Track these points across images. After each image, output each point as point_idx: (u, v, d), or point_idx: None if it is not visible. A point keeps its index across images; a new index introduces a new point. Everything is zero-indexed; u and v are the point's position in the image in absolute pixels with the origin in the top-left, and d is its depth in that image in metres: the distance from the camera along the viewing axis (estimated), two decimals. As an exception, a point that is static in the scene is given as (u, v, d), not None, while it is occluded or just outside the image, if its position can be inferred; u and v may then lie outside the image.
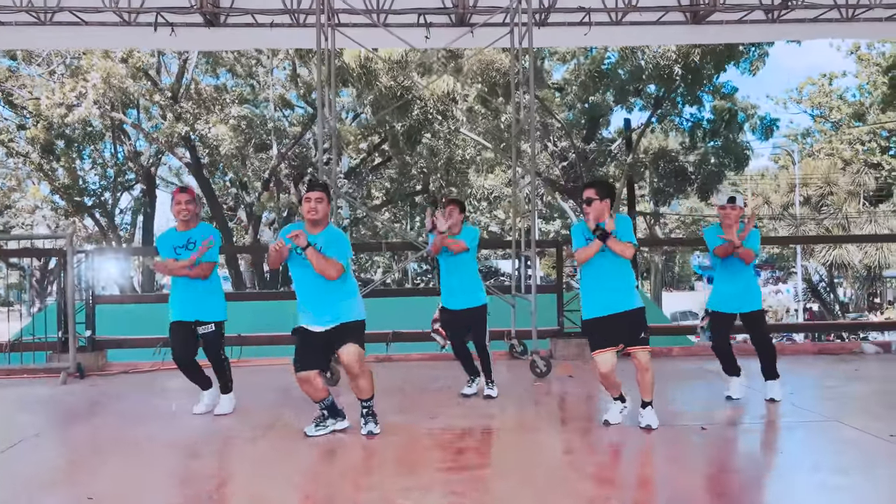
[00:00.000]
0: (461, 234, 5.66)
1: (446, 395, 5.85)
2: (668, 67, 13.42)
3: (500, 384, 5.91)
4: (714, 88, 15.62)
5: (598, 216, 4.60)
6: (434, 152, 16.64)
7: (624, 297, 4.60)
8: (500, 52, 13.29)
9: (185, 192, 5.20)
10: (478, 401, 5.63)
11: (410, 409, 5.42)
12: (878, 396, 5.71)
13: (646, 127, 16.49)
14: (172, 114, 20.59)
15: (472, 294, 5.66)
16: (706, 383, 6.28)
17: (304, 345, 4.53)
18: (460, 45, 8.84)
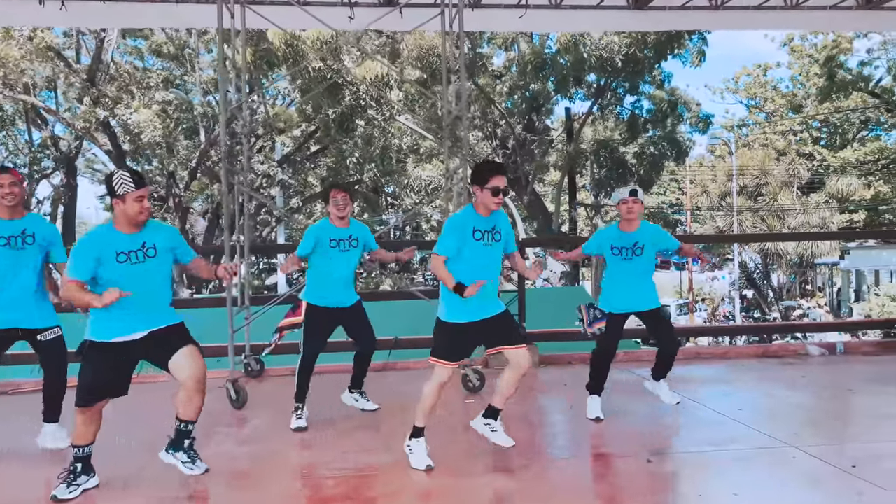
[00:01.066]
0: (353, 228, 5.04)
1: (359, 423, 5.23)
2: (610, 58, 13.06)
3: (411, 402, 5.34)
4: (654, 79, 15.38)
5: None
6: (369, 141, 15.87)
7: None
8: (440, 36, 12.57)
9: (8, 173, 4.29)
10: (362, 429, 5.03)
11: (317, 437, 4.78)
12: (830, 410, 5.37)
13: (587, 117, 16.16)
14: (90, 97, 19.23)
15: (351, 291, 5.14)
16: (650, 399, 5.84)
17: (100, 370, 3.70)
18: (387, 27, 8.16)
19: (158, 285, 3.77)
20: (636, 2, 8.32)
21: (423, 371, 6.21)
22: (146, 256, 3.70)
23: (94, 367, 3.69)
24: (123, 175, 3.63)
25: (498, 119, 17.27)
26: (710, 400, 5.49)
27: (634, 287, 4.89)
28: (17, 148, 24.74)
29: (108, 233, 3.71)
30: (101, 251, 3.63)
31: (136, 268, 3.67)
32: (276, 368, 7.02)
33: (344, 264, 5.00)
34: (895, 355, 7.43)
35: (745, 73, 38.04)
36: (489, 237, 4.05)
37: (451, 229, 4.03)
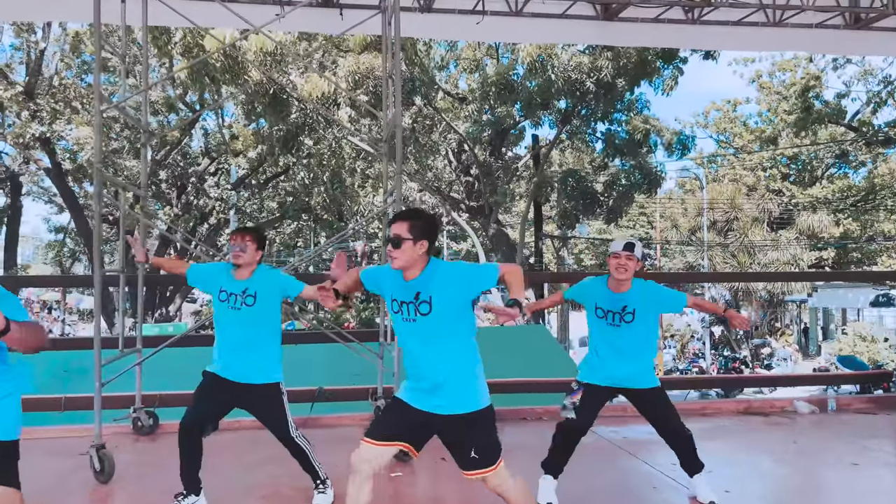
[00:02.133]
0: (257, 276, 3.81)
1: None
2: (580, 81, 12.28)
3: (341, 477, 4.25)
4: (627, 106, 14.67)
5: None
6: (320, 161, 14.76)
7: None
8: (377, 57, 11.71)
9: None
10: None
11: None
12: (835, 493, 4.41)
13: (553, 144, 15.37)
14: (28, 112, 17.95)
15: (260, 365, 3.82)
16: (624, 469, 4.83)
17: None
18: (323, 30, 7.24)
19: None
20: (605, 12, 7.54)
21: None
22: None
23: None
24: None
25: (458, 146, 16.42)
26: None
27: (621, 358, 3.89)
28: (-45, 164, 23.20)
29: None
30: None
31: None
32: (174, 423, 5.87)
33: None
34: (892, 413, 6.57)
35: (714, 108, 38.03)
36: (407, 310, 2.95)
37: None
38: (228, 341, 3.80)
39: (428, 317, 2.88)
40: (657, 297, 3.91)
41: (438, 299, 2.88)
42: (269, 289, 3.78)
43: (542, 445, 4.10)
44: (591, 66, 12.20)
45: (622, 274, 3.83)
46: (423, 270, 2.92)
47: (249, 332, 3.76)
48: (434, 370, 2.92)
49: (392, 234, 2.89)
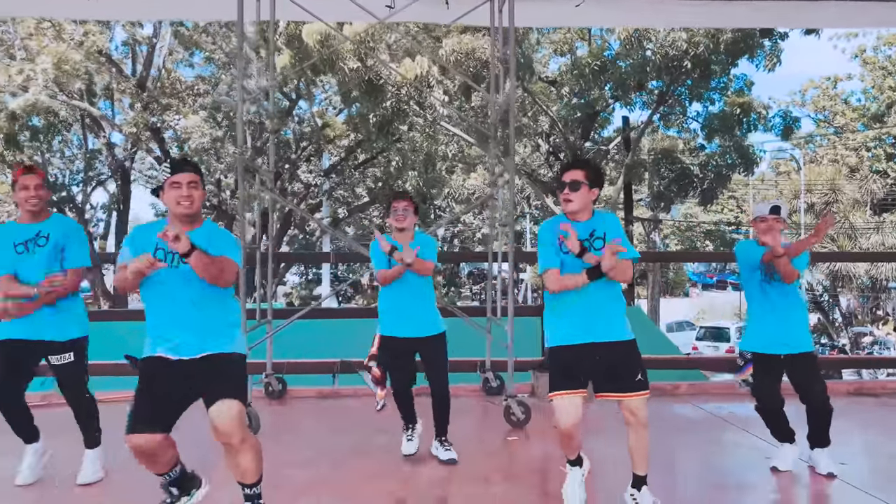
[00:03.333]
0: (417, 243, 4.20)
1: (387, 458, 4.48)
2: (677, 59, 12.09)
3: (464, 435, 4.58)
4: (725, 84, 14.32)
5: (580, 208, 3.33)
6: (413, 147, 15.18)
7: (610, 322, 3.32)
8: (481, 37, 11.92)
9: (33, 174, 3.77)
10: (425, 467, 4.27)
11: (328, 480, 4.07)
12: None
13: (647, 125, 15.19)
14: (140, 103, 19.23)
15: (427, 320, 4.30)
16: (731, 443, 4.96)
17: (149, 390, 3.03)
18: (430, 20, 7.51)
19: (202, 295, 3.03)
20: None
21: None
22: (180, 261, 2.97)
23: (143, 392, 3.06)
24: (164, 165, 3.09)
25: (549, 129, 16.47)
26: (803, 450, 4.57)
27: (783, 320, 3.99)
28: (73, 154, 25.06)
29: (158, 225, 3.05)
30: (139, 242, 3.05)
31: (174, 271, 2.99)
32: (300, 389, 6.37)
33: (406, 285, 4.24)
34: None
35: (812, 86, 36.23)
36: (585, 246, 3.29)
37: (542, 237, 3.45)
38: (395, 300, 4.28)
39: (601, 251, 3.21)
40: (800, 261, 3.97)
41: (608, 237, 3.28)
42: (427, 249, 4.24)
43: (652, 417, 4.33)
44: (689, 43, 11.99)
45: (771, 238, 3.82)
46: (592, 215, 3.37)
47: (416, 287, 4.24)
48: (602, 301, 3.30)
49: (570, 179, 3.30)
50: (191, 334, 3.03)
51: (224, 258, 3.02)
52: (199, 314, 3.04)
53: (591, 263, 3.19)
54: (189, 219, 3.04)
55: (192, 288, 3.01)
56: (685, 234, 39.12)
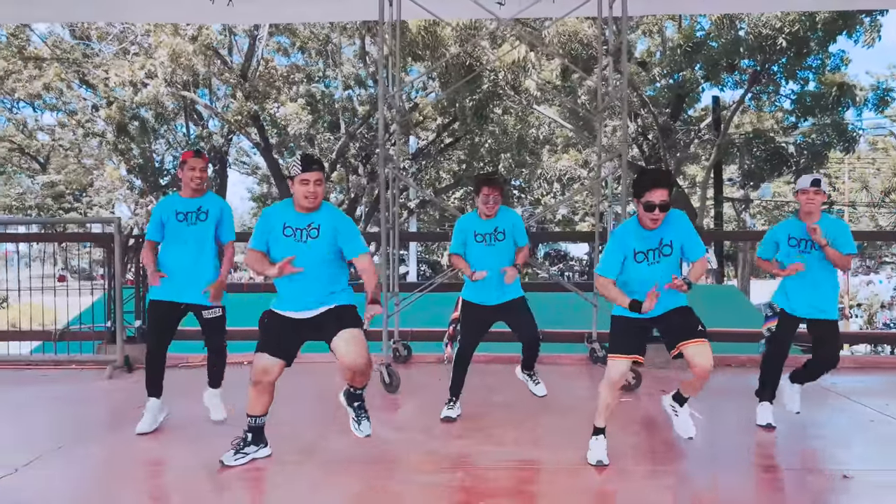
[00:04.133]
0: (500, 218, 4.71)
1: (504, 412, 5.07)
2: (771, 38, 12.00)
3: (580, 397, 5.15)
4: (821, 62, 14.05)
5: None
6: (505, 130, 15.62)
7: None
8: (583, 20, 12.22)
9: (201, 158, 4.63)
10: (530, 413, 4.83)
11: (466, 420, 4.68)
12: None
13: (739, 104, 15.07)
14: (242, 92, 20.36)
15: (508, 288, 4.75)
16: (836, 408, 5.29)
17: (276, 330, 3.83)
18: (538, 14, 7.91)
19: (322, 266, 3.77)
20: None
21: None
22: (308, 237, 3.74)
23: (266, 331, 3.83)
24: (296, 158, 3.75)
25: (639, 108, 16.55)
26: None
27: (815, 287, 4.42)
28: (177, 141, 26.68)
29: (284, 208, 3.84)
30: (272, 224, 3.80)
31: (299, 245, 3.72)
32: (423, 355, 7.04)
33: (493, 259, 4.73)
34: None
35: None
36: (653, 255, 3.73)
37: (612, 245, 3.84)
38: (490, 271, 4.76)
39: (668, 258, 3.72)
40: (836, 234, 4.36)
41: (676, 244, 3.72)
42: (509, 225, 4.76)
43: (745, 389, 4.86)
44: (783, 21, 11.86)
45: (811, 205, 4.31)
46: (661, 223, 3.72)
47: (503, 259, 4.73)
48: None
49: (660, 200, 3.60)
50: (312, 297, 3.79)
51: (370, 268, 3.78)
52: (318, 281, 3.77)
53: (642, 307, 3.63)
54: (311, 209, 3.78)
55: (315, 259, 3.73)
56: (772, 213, 37.97)
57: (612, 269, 3.75)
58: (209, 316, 4.62)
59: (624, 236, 3.77)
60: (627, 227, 3.80)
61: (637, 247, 3.73)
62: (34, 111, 27.14)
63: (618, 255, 3.74)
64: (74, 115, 23.91)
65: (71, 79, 21.65)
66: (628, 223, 3.85)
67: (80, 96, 24.13)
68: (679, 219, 3.75)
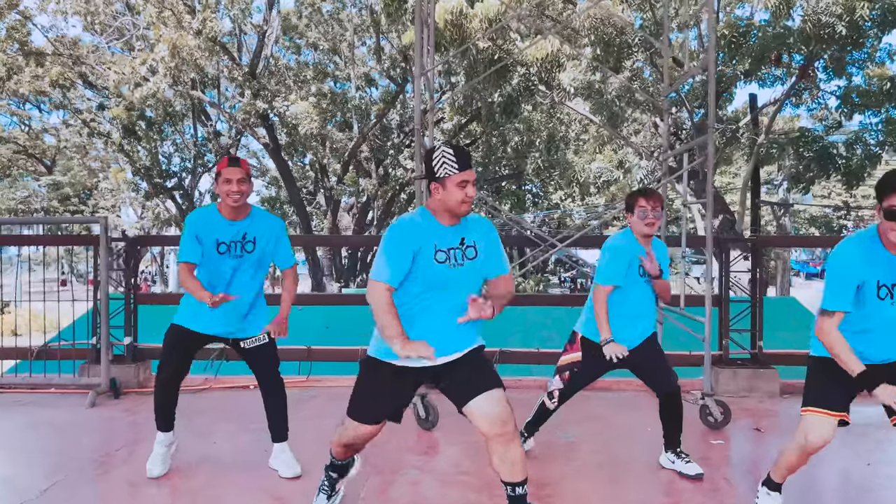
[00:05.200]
0: (655, 251, 3.74)
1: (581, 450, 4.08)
2: (829, 25, 10.93)
3: (652, 437, 4.12)
4: (868, 55, 13.03)
5: None
6: (531, 127, 14.62)
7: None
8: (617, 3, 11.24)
9: (239, 167, 3.50)
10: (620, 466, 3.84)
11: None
12: None
13: (783, 101, 14.06)
14: (251, 90, 19.54)
15: (647, 322, 3.78)
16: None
17: (381, 384, 2.83)
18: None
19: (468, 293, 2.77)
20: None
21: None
22: (465, 258, 2.74)
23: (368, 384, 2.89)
24: (446, 153, 2.68)
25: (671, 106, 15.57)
26: None
27: None
28: (185, 143, 25.93)
29: (429, 222, 2.74)
30: (419, 244, 2.69)
31: (453, 272, 2.71)
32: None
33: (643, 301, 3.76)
34: None
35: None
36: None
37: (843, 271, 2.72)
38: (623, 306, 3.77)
39: None
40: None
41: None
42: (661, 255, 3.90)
43: None
44: (844, 7, 10.78)
45: None
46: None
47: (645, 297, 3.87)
48: None
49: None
50: None
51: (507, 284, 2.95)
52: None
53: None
54: (461, 217, 2.77)
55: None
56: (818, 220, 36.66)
57: (846, 301, 2.68)
58: (251, 345, 3.62)
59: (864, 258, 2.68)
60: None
61: (882, 278, 2.68)
62: (39, 111, 26.52)
63: (852, 284, 2.68)
64: (80, 114, 23.14)
65: (73, 77, 20.86)
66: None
67: (83, 96, 23.38)
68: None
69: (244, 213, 3.57)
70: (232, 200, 3.47)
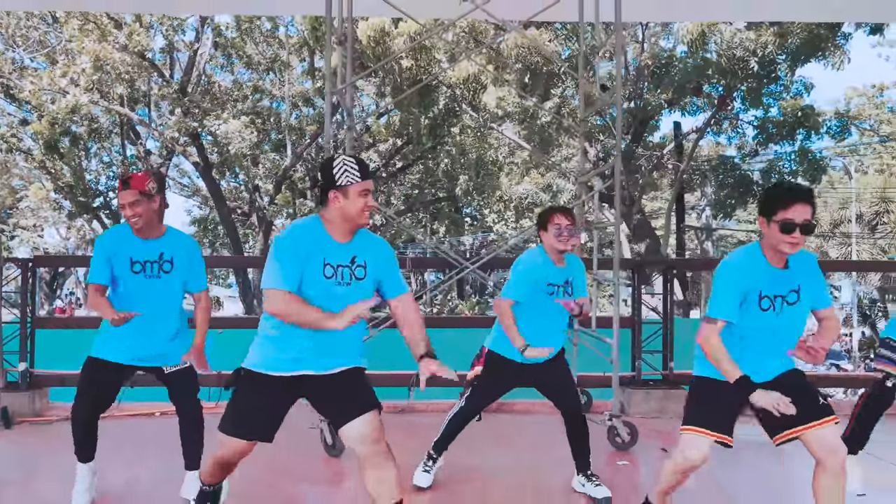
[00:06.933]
0: (571, 268, 3.77)
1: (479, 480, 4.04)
2: (743, 59, 11.51)
3: (562, 457, 4.10)
4: (784, 86, 13.73)
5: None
6: (463, 150, 14.75)
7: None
8: (542, 32, 11.50)
9: (129, 189, 3.31)
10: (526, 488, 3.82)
11: None
12: None
13: (704, 129, 14.64)
14: (181, 108, 19.08)
15: (556, 339, 3.78)
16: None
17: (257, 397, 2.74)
18: (510, 13, 7.10)
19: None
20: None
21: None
22: (353, 277, 2.68)
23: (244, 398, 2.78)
24: (347, 161, 2.62)
25: (598, 133, 16.00)
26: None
27: None
28: (112, 161, 25.09)
29: (321, 234, 2.67)
30: (309, 251, 2.63)
31: (340, 289, 2.66)
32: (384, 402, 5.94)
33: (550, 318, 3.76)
34: None
35: (857, 94, 35.23)
36: (780, 302, 2.75)
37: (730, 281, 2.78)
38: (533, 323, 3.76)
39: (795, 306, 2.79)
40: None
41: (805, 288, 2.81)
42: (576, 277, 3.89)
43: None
44: (756, 43, 11.38)
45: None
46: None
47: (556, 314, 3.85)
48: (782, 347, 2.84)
49: (803, 219, 2.62)
50: None
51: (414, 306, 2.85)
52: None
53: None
54: (358, 229, 2.71)
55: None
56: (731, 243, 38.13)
57: (729, 311, 2.72)
58: (171, 371, 3.46)
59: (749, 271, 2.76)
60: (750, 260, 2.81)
61: (764, 289, 2.74)
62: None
63: (737, 294, 2.73)
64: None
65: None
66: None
67: (3, 110, 22.39)
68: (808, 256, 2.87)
69: (158, 233, 3.42)
70: (132, 224, 3.32)
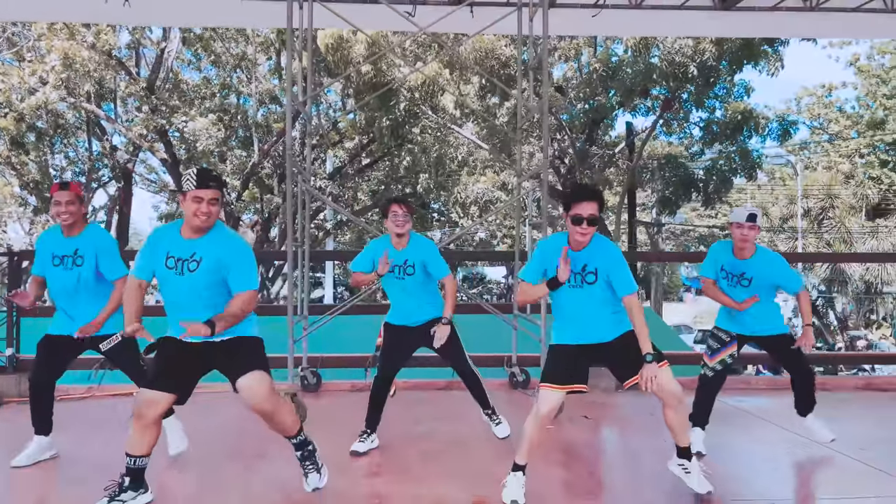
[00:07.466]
0: (412, 248, 4.41)
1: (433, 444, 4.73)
2: (683, 65, 12.41)
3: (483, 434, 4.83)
4: (727, 90, 14.69)
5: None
6: (424, 149, 15.48)
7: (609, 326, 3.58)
8: (500, 38, 12.23)
9: (67, 190, 4.06)
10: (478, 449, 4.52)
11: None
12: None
13: (651, 130, 15.52)
14: (148, 106, 19.38)
15: (433, 308, 4.49)
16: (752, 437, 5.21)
17: (167, 358, 3.35)
18: (454, 29, 7.75)
19: (204, 298, 3.34)
20: (723, 2, 7.76)
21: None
22: (187, 270, 3.30)
23: (156, 360, 3.39)
24: (190, 172, 3.28)
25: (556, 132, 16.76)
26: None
27: (742, 313, 4.37)
28: (78, 157, 25.15)
29: (170, 231, 3.40)
30: (156, 249, 3.38)
31: (178, 279, 3.31)
32: (334, 382, 6.59)
33: (401, 292, 4.47)
34: None
35: (807, 94, 36.65)
36: (575, 278, 3.47)
37: (537, 253, 3.68)
38: (404, 301, 4.49)
39: (592, 286, 3.47)
40: (775, 272, 4.33)
41: (602, 271, 3.46)
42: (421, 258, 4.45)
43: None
44: (695, 50, 12.31)
45: (745, 243, 4.26)
46: (589, 244, 3.48)
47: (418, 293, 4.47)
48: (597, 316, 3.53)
49: (589, 213, 3.36)
50: None
51: (240, 301, 3.27)
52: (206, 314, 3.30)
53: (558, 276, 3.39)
54: (203, 230, 3.31)
55: (200, 296, 3.33)
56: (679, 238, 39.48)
57: (530, 275, 3.59)
58: (107, 347, 4.13)
59: (551, 245, 3.57)
60: (557, 239, 3.58)
61: (550, 269, 3.49)
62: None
63: (539, 262, 3.56)
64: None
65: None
66: (559, 235, 3.64)
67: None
68: (608, 250, 3.54)
69: (77, 230, 4.09)
70: (62, 220, 4.03)
